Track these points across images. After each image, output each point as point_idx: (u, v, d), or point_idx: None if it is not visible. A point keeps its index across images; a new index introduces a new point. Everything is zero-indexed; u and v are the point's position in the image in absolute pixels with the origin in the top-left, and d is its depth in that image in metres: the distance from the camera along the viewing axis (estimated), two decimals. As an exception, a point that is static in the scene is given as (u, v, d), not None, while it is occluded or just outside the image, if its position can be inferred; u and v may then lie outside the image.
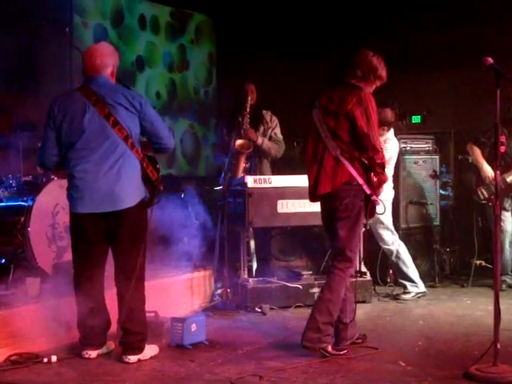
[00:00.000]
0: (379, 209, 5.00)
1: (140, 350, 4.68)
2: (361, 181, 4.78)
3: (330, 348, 4.77)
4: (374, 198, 4.84)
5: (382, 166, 4.84)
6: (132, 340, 4.66)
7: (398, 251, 6.95)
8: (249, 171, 6.95)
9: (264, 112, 7.22)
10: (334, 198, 4.85)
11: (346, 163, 4.77)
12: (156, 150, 4.86)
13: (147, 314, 4.88)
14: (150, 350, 4.78)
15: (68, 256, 5.78)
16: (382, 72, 4.90)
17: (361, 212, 4.86)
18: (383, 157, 4.84)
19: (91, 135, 4.62)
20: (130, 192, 4.62)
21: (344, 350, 4.84)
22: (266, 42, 9.45)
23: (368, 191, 4.80)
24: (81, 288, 4.74)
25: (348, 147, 4.79)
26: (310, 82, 9.50)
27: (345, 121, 4.78)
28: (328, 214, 4.99)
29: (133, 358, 4.63)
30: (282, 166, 7.85)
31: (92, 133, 4.62)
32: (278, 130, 7.24)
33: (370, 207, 4.86)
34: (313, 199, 5.09)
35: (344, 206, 4.81)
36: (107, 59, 4.75)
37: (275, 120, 7.26)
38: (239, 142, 6.89)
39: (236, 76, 8.65)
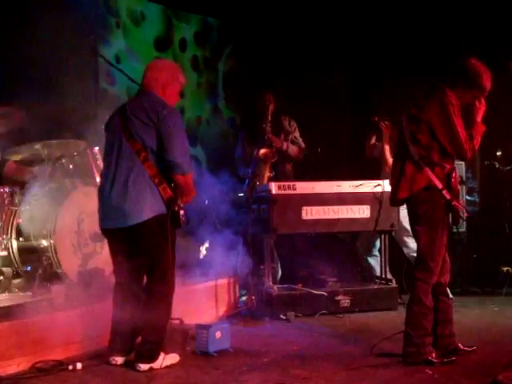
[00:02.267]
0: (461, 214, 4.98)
1: (152, 358, 4.62)
2: (440, 186, 4.71)
3: (433, 356, 4.70)
4: (454, 203, 4.72)
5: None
6: (144, 348, 4.64)
7: None
8: (273, 179, 6.92)
9: (282, 118, 7.25)
10: (414, 204, 4.82)
11: (426, 168, 4.71)
12: (167, 167, 4.63)
13: (172, 322, 4.87)
14: (167, 359, 4.72)
15: (93, 263, 5.84)
16: (481, 80, 4.75)
17: (441, 219, 4.75)
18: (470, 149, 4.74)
19: (111, 149, 4.71)
20: (138, 207, 4.56)
21: (451, 357, 4.75)
22: (285, 48, 9.43)
23: (448, 196, 4.70)
24: (114, 295, 4.79)
25: (427, 152, 4.74)
26: (334, 89, 9.54)
27: (425, 126, 4.74)
28: (410, 219, 4.98)
29: (143, 367, 4.59)
30: (306, 172, 7.85)
31: (112, 147, 4.70)
32: (297, 134, 7.32)
33: (453, 213, 4.80)
34: (393, 203, 5.08)
35: (423, 212, 4.75)
36: (157, 74, 4.78)
37: (294, 124, 7.33)
38: (263, 151, 6.91)
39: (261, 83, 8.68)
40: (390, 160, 6.95)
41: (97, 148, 6.17)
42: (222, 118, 9.90)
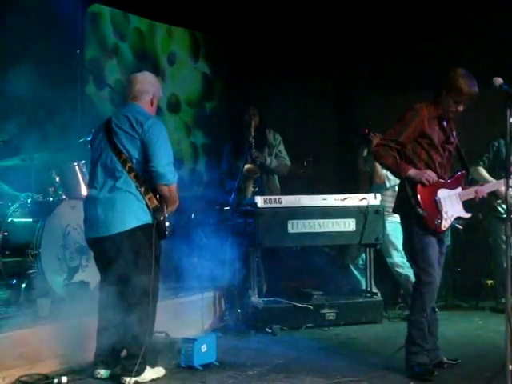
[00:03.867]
0: None
1: (137, 372, 4.58)
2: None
3: None
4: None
5: None
6: (129, 362, 4.61)
7: (407, 274, 6.88)
8: (257, 194, 6.93)
9: (267, 131, 7.28)
10: None
11: None
12: (152, 177, 4.64)
13: (157, 335, 4.87)
14: (152, 373, 4.72)
15: (79, 276, 5.83)
16: (458, 83, 4.77)
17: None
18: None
19: (97, 161, 4.74)
20: (123, 216, 4.59)
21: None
22: (272, 62, 9.47)
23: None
24: (99, 306, 4.78)
25: None
26: (320, 102, 9.59)
27: None
28: None
29: (128, 380, 4.56)
30: (292, 186, 7.87)
31: (97, 159, 4.74)
32: (282, 147, 7.33)
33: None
34: None
35: None
36: (147, 87, 4.82)
37: (278, 137, 7.35)
38: (247, 166, 6.93)
39: (246, 96, 8.71)
40: (381, 171, 7.00)
41: (83, 161, 6.18)
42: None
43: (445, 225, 4.83)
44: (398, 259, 6.94)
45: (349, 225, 6.62)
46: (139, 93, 4.82)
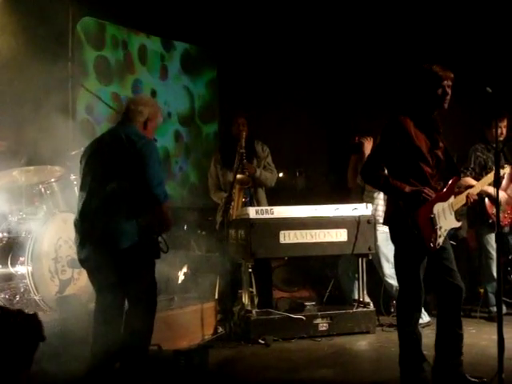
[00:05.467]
0: None
1: None
2: None
3: None
4: None
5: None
6: (123, 375, 4.60)
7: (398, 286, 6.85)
8: (248, 204, 6.93)
9: (255, 142, 7.27)
10: None
11: None
12: (143, 197, 4.62)
13: (150, 348, 4.86)
14: None
15: (70, 290, 5.82)
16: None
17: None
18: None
19: (86, 180, 4.73)
20: (115, 236, 4.57)
21: None
22: (265, 71, 9.53)
23: None
24: (94, 322, 4.76)
25: None
26: (311, 112, 9.63)
27: None
28: None
29: None
30: (283, 196, 7.88)
31: (87, 178, 4.72)
32: (269, 159, 7.30)
33: None
34: None
35: None
36: (141, 108, 4.82)
37: (266, 149, 7.32)
38: (239, 177, 6.91)
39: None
40: None
41: (73, 176, 6.18)
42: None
43: (439, 242, 4.66)
44: (390, 270, 6.93)
45: (340, 235, 6.62)
46: (135, 113, 4.82)
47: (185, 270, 6.92)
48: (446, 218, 4.77)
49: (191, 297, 6.49)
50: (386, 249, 6.75)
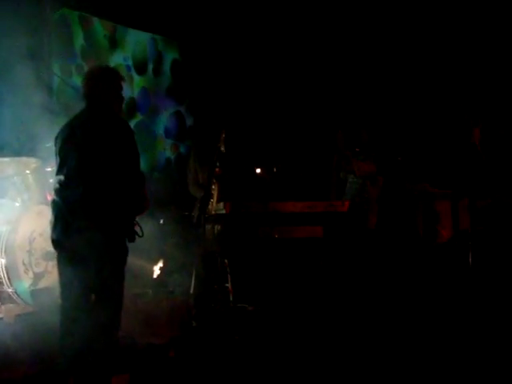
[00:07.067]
0: None
1: (100, 380, 4.50)
2: None
3: None
4: None
5: None
6: (91, 370, 4.50)
7: None
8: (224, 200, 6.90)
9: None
10: None
11: None
12: (123, 181, 4.56)
13: (123, 341, 4.83)
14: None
15: (44, 282, 5.78)
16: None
17: None
18: None
19: (64, 163, 4.59)
20: (92, 219, 4.47)
21: None
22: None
23: None
24: (61, 314, 4.64)
25: None
26: (291, 106, 9.65)
27: None
28: None
29: None
30: (261, 192, 7.88)
31: (65, 161, 4.58)
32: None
33: None
34: None
35: None
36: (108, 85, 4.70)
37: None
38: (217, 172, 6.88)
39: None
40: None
41: (49, 168, 6.11)
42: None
43: None
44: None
45: (317, 231, 6.63)
46: (102, 92, 4.66)
47: (160, 264, 6.89)
48: None
49: (166, 291, 6.47)
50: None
